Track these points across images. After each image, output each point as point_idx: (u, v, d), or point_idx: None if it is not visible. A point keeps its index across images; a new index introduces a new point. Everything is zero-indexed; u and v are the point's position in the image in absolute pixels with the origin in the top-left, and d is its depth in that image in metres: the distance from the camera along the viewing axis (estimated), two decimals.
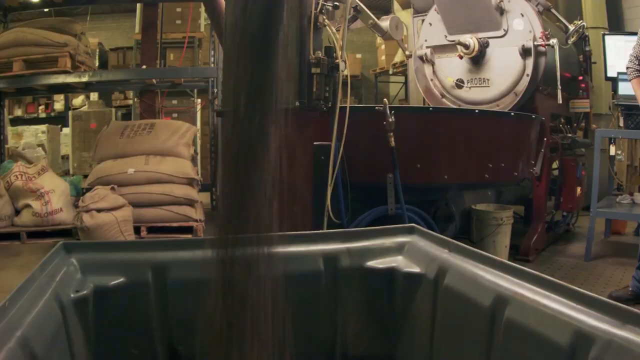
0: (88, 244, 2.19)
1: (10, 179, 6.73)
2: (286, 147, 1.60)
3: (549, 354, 1.57)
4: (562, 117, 7.23)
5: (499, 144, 5.42)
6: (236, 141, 1.59)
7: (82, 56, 7.73)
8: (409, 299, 2.30)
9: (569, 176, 6.84)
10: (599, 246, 6.80)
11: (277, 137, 1.58)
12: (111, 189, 6.43)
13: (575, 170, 6.79)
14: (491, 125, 5.41)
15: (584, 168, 7.00)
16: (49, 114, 14.61)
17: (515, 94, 6.07)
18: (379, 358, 2.40)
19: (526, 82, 5.99)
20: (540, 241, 6.45)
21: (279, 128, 1.58)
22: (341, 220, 4.53)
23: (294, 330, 1.70)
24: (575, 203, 6.98)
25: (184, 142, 7.30)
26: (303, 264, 2.26)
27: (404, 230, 2.47)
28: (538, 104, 6.19)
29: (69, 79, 7.62)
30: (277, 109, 1.57)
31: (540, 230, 6.40)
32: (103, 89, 10.38)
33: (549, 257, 6.40)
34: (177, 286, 2.12)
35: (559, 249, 6.84)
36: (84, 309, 1.93)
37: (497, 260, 1.96)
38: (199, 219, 6.91)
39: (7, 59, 7.40)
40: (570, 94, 7.13)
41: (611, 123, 8.30)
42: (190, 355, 2.09)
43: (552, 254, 6.59)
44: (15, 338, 1.40)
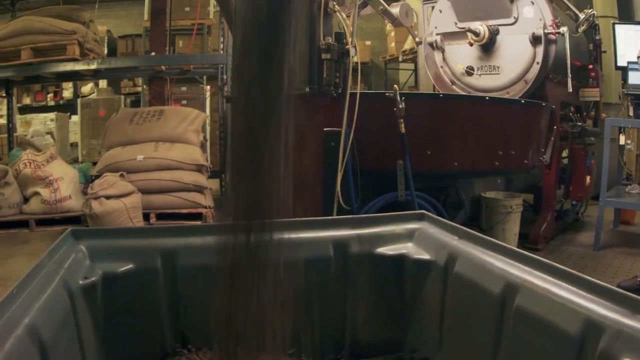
0: (97, 231, 2.19)
1: (18, 167, 6.73)
2: (296, 133, 1.59)
3: (558, 342, 1.56)
4: (572, 106, 7.19)
5: (509, 132, 5.39)
6: (246, 127, 1.59)
7: (90, 44, 7.71)
8: (419, 285, 2.30)
9: (579, 165, 6.83)
10: (607, 236, 6.77)
11: (287, 123, 1.57)
12: (120, 176, 6.43)
13: (584, 159, 6.77)
14: (501, 113, 5.39)
15: (593, 157, 6.98)
16: (58, 102, 14.60)
17: (526, 82, 6.04)
18: (388, 344, 2.40)
19: (536, 70, 5.95)
20: (550, 230, 6.42)
21: (288, 114, 1.57)
22: (351, 207, 4.53)
23: (303, 316, 1.70)
24: (585, 192, 6.97)
25: (193, 129, 7.29)
26: (313, 250, 2.26)
27: (414, 217, 2.46)
28: (548, 92, 6.14)
29: (77, 67, 7.61)
30: (286, 95, 1.56)
31: (550, 218, 6.37)
32: (112, 76, 10.35)
33: (558, 246, 6.37)
34: (187, 272, 2.12)
35: (568, 238, 6.80)
36: (93, 295, 1.93)
37: (507, 247, 1.95)
38: (208, 205, 6.91)
39: (15, 47, 7.38)
40: (580, 83, 7.07)
41: (621, 112, 8.21)
42: (199, 341, 2.10)
43: (561, 242, 6.56)
44: (23, 325, 1.40)
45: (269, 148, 1.56)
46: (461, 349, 2.11)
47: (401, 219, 2.46)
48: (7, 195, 6.49)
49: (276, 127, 1.56)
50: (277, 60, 1.55)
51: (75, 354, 1.77)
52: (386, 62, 13.32)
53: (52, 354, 1.47)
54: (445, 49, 6.65)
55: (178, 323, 2.16)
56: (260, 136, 1.56)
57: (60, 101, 14.57)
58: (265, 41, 1.55)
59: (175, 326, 2.17)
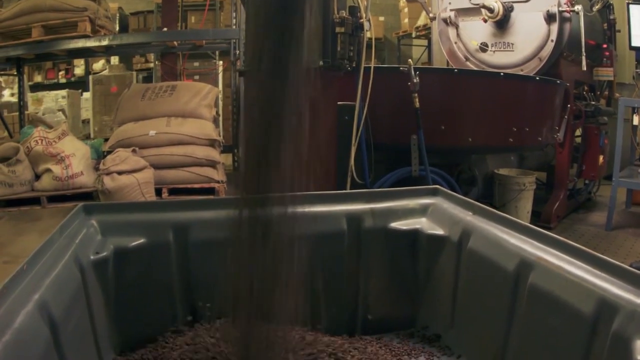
0: (108, 205, 2.19)
1: (30, 144, 6.73)
2: (310, 106, 1.57)
3: (572, 322, 1.55)
4: (585, 85, 7.14)
5: (524, 108, 5.37)
6: (259, 100, 1.58)
7: (102, 20, 7.67)
8: (432, 261, 2.29)
9: (592, 144, 6.80)
10: (620, 216, 6.74)
11: (300, 96, 1.56)
12: (132, 151, 6.42)
13: (598, 139, 6.74)
14: (516, 89, 5.36)
15: (606, 137, 6.94)
16: (69, 79, 14.56)
17: (540, 59, 5.99)
18: (400, 320, 2.40)
19: (550, 47, 5.90)
20: (562, 208, 6.41)
21: (302, 87, 1.56)
22: (364, 181, 4.52)
23: (316, 291, 1.69)
24: (598, 171, 6.94)
25: (205, 104, 7.27)
26: (326, 224, 2.25)
27: (428, 192, 2.45)
28: (562, 70, 6.09)
29: (89, 44, 7.58)
30: (300, 68, 1.54)
31: (562, 197, 6.35)
32: (123, 52, 10.31)
33: (570, 225, 6.35)
34: (199, 246, 2.13)
35: (580, 217, 6.79)
36: (104, 270, 1.94)
37: (522, 224, 1.94)
38: (221, 180, 6.89)
39: (26, 25, 7.34)
40: (594, 62, 7.02)
41: (635, 93, 8.17)
42: (210, 314, 2.09)
43: (573, 222, 6.55)
44: (34, 301, 1.39)
45: (282, 121, 1.55)
46: (473, 327, 2.10)
47: (415, 194, 2.45)
48: (18, 172, 6.50)
49: (289, 100, 1.55)
50: (291, 32, 1.53)
51: (86, 329, 1.77)
52: (399, 38, 13.24)
53: (62, 329, 1.47)
54: (459, 25, 6.60)
55: (189, 297, 2.17)
56: (273, 109, 1.55)
57: (72, 78, 14.54)
58: (279, 14, 1.53)
59: (187, 300, 2.17)
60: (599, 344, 1.47)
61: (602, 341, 1.46)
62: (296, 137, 1.56)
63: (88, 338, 1.78)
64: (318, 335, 2.05)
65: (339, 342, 2.04)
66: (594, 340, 1.49)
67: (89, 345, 1.79)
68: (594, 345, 1.49)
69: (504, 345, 1.86)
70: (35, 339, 1.33)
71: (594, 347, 1.48)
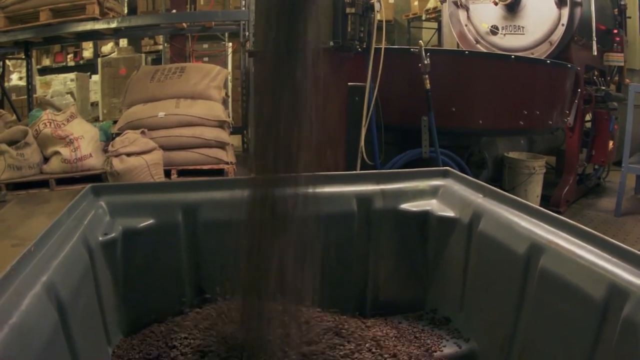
0: (117, 186, 2.18)
1: (38, 127, 6.72)
2: (320, 86, 1.56)
3: (582, 307, 1.53)
4: (596, 70, 7.12)
5: (534, 91, 5.36)
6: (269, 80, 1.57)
7: (110, 3, 7.63)
8: (442, 243, 2.28)
9: (602, 129, 6.75)
10: (629, 202, 6.73)
11: (310, 77, 1.55)
12: (141, 133, 6.41)
13: (608, 124, 6.70)
14: (527, 72, 5.34)
15: (616, 122, 6.90)
16: (78, 62, 14.57)
17: (550, 43, 5.98)
18: (409, 302, 2.39)
19: (561, 31, 5.89)
20: (571, 193, 6.40)
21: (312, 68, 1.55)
22: (374, 162, 4.52)
23: (325, 272, 1.68)
24: (607, 157, 6.90)
25: (215, 85, 7.25)
26: (336, 204, 2.24)
27: (438, 174, 2.43)
28: (573, 54, 6.07)
29: (97, 26, 7.54)
30: (311, 49, 1.53)
31: (572, 182, 6.35)
32: (132, 34, 10.28)
33: (580, 210, 6.35)
34: (208, 227, 2.12)
35: (589, 202, 6.78)
36: (113, 251, 1.93)
37: (533, 207, 1.92)
38: (230, 161, 6.87)
39: (34, 9, 7.31)
40: (605, 47, 7.01)
41: None
42: (219, 296, 2.09)
43: (583, 207, 6.54)
44: (41, 283, 1.38)
45: (292, 101, 1.54)
46: (483, 310, 2.09)
47: (425, 175, 2.43)
48: (27, 155, 6.50)
49: (299, 81, 1.54)
50: (302, 13, 1.52)
51: (94, 311, 1.77)
52: (409, 21, 13.17)
53: (70, 311, 1.46)
54: (470, 7, 6.58)
55: (198, 278, 2.17)
56: (283, 89, 1.54)
57: (81, 61, 14.55)
58: None
59: (195, 281, 2.17)
60: (609, 330, 1.45)
61: (612, 327, 1.44)
62: (306, 118, 1.55)
63: (96, 320, 1.78)
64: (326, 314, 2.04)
65: (347, 321, 2.03)
66: (604, 326, 1.47)
67: (97, 327, 1.79)
68: (604, 331, 1.47)
69: (513, 329, 1.85)
70: (43, 321, 1.32)
71: (604, 332, 1.47)
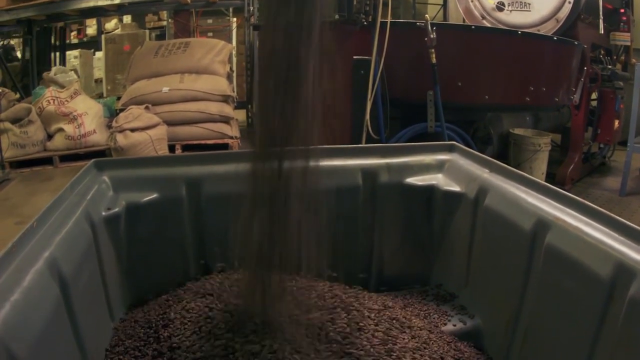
0: (120, 161, 2.17)
1: (42, 105, 6.72)
2: (325, 59, 1.54)
3: (588, 285, 1.50)
4: (602, 49, 7.07)
5: (541, 68, 5.33)
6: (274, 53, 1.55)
7: None
8: (448, 218, 2.26)
9: (608, 108, 6.75)
10: (634, 182, 6.70)
11: (315, 49, 1.52)
12: (145, 108, 6.41)
13: (614, 103, 6.69)
14: (534, 48, 5.31)
15: (622, 102, 6.88)
16: (82, 39, 14.55)
17: (557, 21, 5.94)
18: (414, 278, 2.38)
19: (568, 9, 5.87)
20: (576, 171, 6.40)
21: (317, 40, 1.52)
22: (380, 136, 4.50)
23: (330, 246, 1.67)
24: (613, 136, 6.90)
25: (219, 60, 7.23)
26: (341, 178, 2.23)
27: (444, 148, 2.41)
28: (579, 32, 6.05)
29: (100, 2, 7.53)
30: (316, 21, 1.51)
31: (577, 160, 6.35)
32: (136, 10, 10.24)
33: (584, 189, 6.34)
34: (212, 201, 2.10)
35: (594, 181, 6.77)
36: (116, 226, 1.92)
37: (540, 183, 1.89)
38: (235, 135, 6.87)
39: None
40: (612, 26, 6.98)
41: None
42: (223, 269, 2.08)
43: (588, 185, 6.53)
44: (43, 259, 1.37)
45: (296, 74, 1.52)
46: (488, 286, 2.07)
47: (431, 150, 2.41)
48: (30, 133, 6.51)
49: (304, 53, 1.51)
50: None
51: (97, 286, 1.76)
52: None
53: (73, 287, 1.45)
54: None
55: (202, 252, 2.16)
56: (288, 62, 1.52)
57: (84, 39, 14.53)
58: None
59: (199, 255, 2.16)
60: (615, 309, 1.43)
61: (618, 306, 1.42)
62: (310, 91, 1.53)
63: (99, 295, 1.77)
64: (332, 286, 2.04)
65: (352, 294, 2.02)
66: (610, 305, 1.45)
67: (100, 302, 1.78)
68: (610, 310, 1.45)
69: (518, 306, 1.84)
70: (45, 298, 1.31)
71: (610, 312, 1.45)
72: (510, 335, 1.88)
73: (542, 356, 1.73)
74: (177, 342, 1.63)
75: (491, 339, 2.02)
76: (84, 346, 1.49)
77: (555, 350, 1.66)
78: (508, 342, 1.89)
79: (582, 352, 1.52)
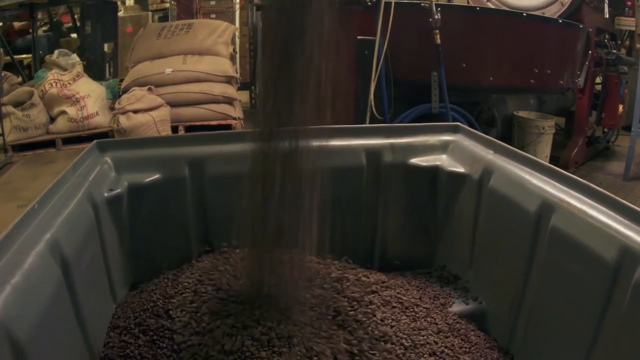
0: (123, 141, 2.15)
1: (44, 88, 6.70)
2: (328, 39, 1.53)
3: (593, 268, 1.49)
4: (607, 33, 7.06)
5: (546, 50, 5.32)
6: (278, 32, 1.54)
7: None
8: (452, 199, 2.25)
9: (612, 92, 6.72)
10: (638, 167, 6.67)
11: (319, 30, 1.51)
12: (148, 90, 6.39)
13: (618, 87, 6.67)
14: (538, 30, 5.30)
15: (626, 86, 6.85)
16: None
17: (562, 4, 5.93)
18: (418, 259, 2.37)
19: None
20: (580, 155, 6.39)
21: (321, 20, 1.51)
22: (384, 117, 4.49)
23: (333, 226, 1.66)
24: (617, 120, 6.87)
25: (222, 41, 7.21)
26: (345, 158, 2.21)
27: (449, 129, 2.40)
28: (584, 16, 6.01)
29: None
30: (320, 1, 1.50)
31: (581, 143, 6.34)
32: None
33: (588, 173, 6.33)
34: (215, 181, 2.09)
35: (598, 165, 6.76)
36: (118, 207, 1.91)
37: (545, 164, 1.88)
38: (238, 116, 6.86)
39: None
40: (616, 11, 6.93)
41: None
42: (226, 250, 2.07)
43: (591, 169, 6.52)
44: (44, 241, 1.36)
45: (300, 53, 1.50)
46: (492, 268, 2.07)
47: (435, 130, 2.39)
48: (32, 116, 6.49)
49: (308, 33, 1.50)
50: None
51: (100, 267, 1.75)
52: None
53: (74, 268, 1.44)
54: None
55: (205, 232, 2.15)
56: (291, 42, 1.51)
57: None
58: None
59: (202, 236, 2.15)
60: (620, 294, 1.42)
61: (623, 291, 1.41)
62: (314, 71, 1.52)
63: (101, 276, 1.77)
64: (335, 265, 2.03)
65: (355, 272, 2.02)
66: (615, 289, 1.44)
67: (102, 283, 1.78)
68: (615, 294, 1.44)
69: (522, 289, 1.83)
70: (46, 280, 1.30)
71: (614, 296, 1.44)
72: (514, 317, 1.88)
73: (546, 339, 1.72)
74: (179, 321, 1.63)
75: (495, 321, 2.01)
76: (86, 327, 1.49)
77: (560, 333, 1.65)
78: (512, 324, 1.89)
79: (586, 336, 1.51)
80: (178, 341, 1.55)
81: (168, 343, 1.56)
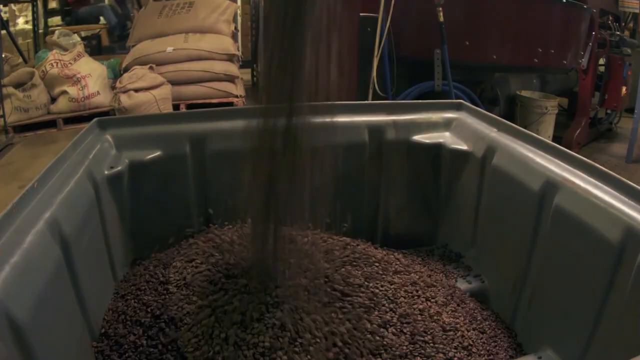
0: (123, 119, 2.14)
1: (45, 68, 6.66)
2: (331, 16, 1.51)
3: (597, 248, 1.48)
4: (611, 15, 6.99)
5: (550, 30, 5.31)
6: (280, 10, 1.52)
7: None
8: (455, 177, 2.24)
9: (615, 74, 6.68)
10: None
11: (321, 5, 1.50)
12: (149, 68, 6.36)
13: (621, 69, 6.62)
14: (542, 9, 5.26)
15: (630, 68, 6.81)
16: None
17: None
18: (420, 237, 2.38)
19: None
20: (583, 136, 6.36)
21: None
22: (386, 94, 4.48)
23: (335, 203, 1.66)
24: (620, 102, 6.84)
25: (224, 19, 7.18)
26: (347, 134, 2.20)
27: (452, 106, 2.38)
28: None
29: None
30: None
31: (584, 124, 6.32)
32: None
33: (590, 154, 6.30)
34: (216, 157, 2.08)
35: (601, 147, 6.74)
36: (119, 185, 1.90)
37: (549, 143, 1.86)
38: (240, 94, 6.82)
39: None
40: None
41: None
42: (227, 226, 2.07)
43: (594, 150, 6.50)
44: (44, 220, 1.35)
45: (302, 29, 1.49)
46: (495, 246, 2.07)
47: (438, 107, 2.37)
48: (33, 97, 6.46)
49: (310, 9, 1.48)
50: None
51: (100, 245, 1.75)
52: None
53: (74, 247, 1.43)
54: None
55: (206, 209, 2.15)
56: (294, 17, 1.49)
57: None
58: None
59: (203, 212, 2.15)
60: (624, 274, 1.41)
61: (627, 271, 1.40)
62: (316, 47, 1.51)
63: (101, 254, 1.76)
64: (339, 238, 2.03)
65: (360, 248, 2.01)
66: (619, 269, 1.43)
67: (103, 262, 1.77)
68: (618, 274, 1.43)
69: (525, 268, 1.83)
70: (46, 259, 1.30)
71: (618, 277, 1.43)
72: (517, 296, 1.88)
73: (549, 318, 1.72)
74: (180, 297, 1.62)
75: (498, 300, 2.02)
76: (86, 306, 1.49)
77: (563, 312, 1.65)
78: (514, 303, 1.89)
79: (590, 316, 1.51)
80: (178, 316, 1.55)
81: (168, 318, 1.56)
